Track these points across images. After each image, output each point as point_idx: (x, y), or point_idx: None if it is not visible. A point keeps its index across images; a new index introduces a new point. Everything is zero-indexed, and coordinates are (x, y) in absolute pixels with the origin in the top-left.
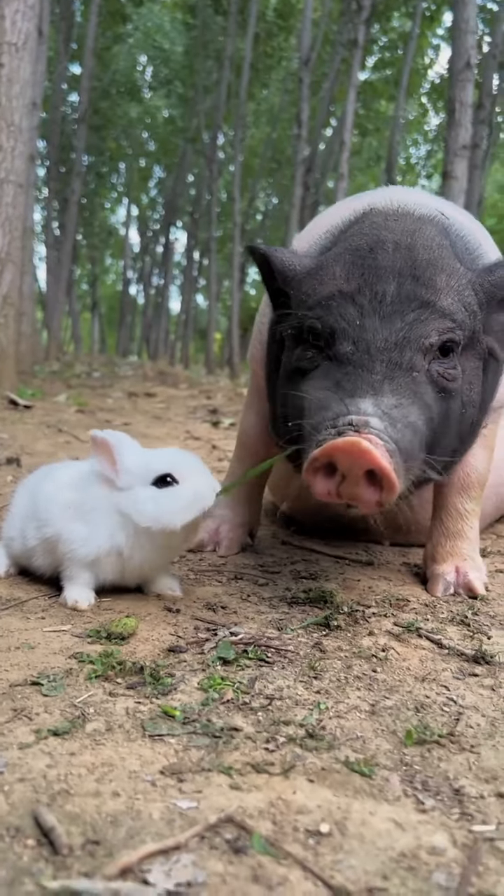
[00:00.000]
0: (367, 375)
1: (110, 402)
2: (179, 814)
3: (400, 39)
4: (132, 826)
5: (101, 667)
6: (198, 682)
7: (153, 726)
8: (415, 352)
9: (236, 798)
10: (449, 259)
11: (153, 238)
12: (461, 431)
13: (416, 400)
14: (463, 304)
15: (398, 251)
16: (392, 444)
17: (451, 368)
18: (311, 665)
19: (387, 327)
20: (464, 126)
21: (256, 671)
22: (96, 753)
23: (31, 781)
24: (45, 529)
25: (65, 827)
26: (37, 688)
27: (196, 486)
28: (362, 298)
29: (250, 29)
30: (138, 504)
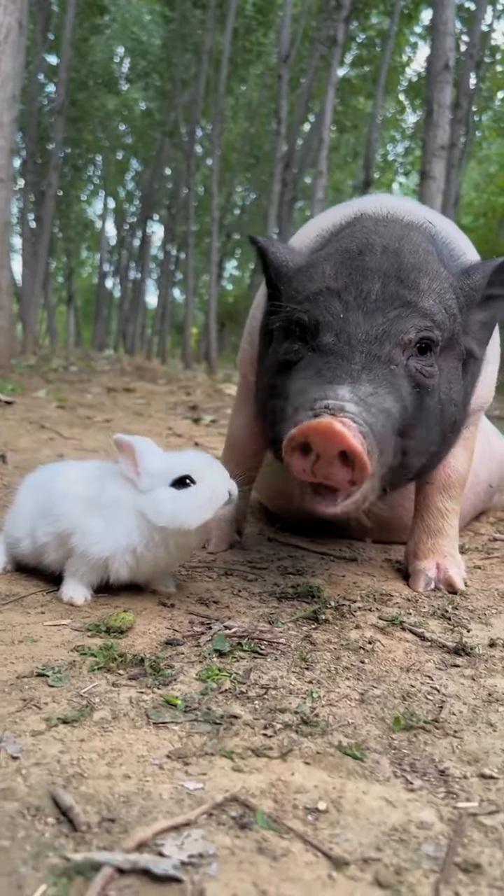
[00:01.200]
0: (347, 365)
1: (90, 397)
2: (187, 794)
3: (378, 37)
4: (144, 805)
5: (102, 659)
6: (196, 673)
7: (157, 714)
8: (393, 346)
9: (239, 779)
10: (433, 263)
11: (130, 231)
12: (442, 428)
13: (392, 390)
14: (444, 307)
15: (385, 254)
16: (365, 427)
17: (429, 366)
18: (303, 657)
19: (368, 322)
20: (442, 127)
21: (251, 662)
22: (105, 740)
23: (46, 765)
24: (60, 524)
25: (81, 806)
26: (43, 679)
27: (212, 486)
28: (348, 295)
29: (229, 23)
30: (157, 505)
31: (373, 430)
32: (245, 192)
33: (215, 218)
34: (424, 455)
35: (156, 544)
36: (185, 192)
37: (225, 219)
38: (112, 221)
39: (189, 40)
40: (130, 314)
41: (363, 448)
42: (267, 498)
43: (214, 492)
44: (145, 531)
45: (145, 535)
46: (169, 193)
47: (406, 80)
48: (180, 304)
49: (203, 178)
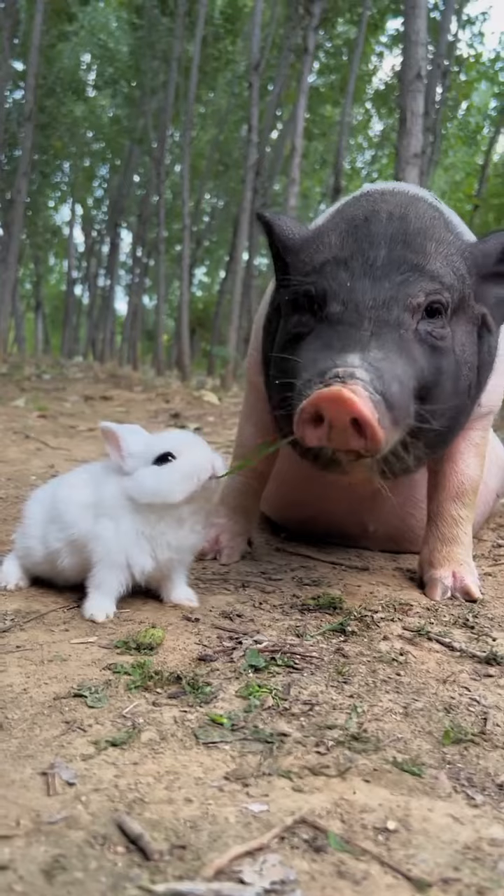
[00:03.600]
0: (355, 332)
1: (68, 405)
2: (253, 817)
3: (345, 45)
4: (212, 830)
5: (139, 677)
6: (235, 689)
7: (205, 734)
8: (402, 310)
9: (302, 800)
10: (440, 229)
11: (98, 238)
12: (458, 390)
13: (403, 354)
14: (451, 269)
15: (391, 220)
16: (377, 394)
17: (440, 328)
18: (339, 670)
19: (376, 287)
20: (415, 135)
21: (288, 678)
22: (158, 762)
23: (104, 791)
24: (71, 531)
25: (149, 833)
26: (81, 700)
27: (193, 460)
28: (354, 263)
29: (198, 31)
30: (140, 482)
31: (385, 396)
32: (214, 199)
33: (187, 224)
34: (446, 419)
35: (161, 532)
36: (156, 199)
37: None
38: (80, 228)
39: (157, 48)
40: (100, 321)
41: (374, 415)
42: (274, 508)
43: (196, 465)
44: (151, 520)
45: (151, 524)
46: (138, 200)
47: (372, 89)
48: (150, 311)
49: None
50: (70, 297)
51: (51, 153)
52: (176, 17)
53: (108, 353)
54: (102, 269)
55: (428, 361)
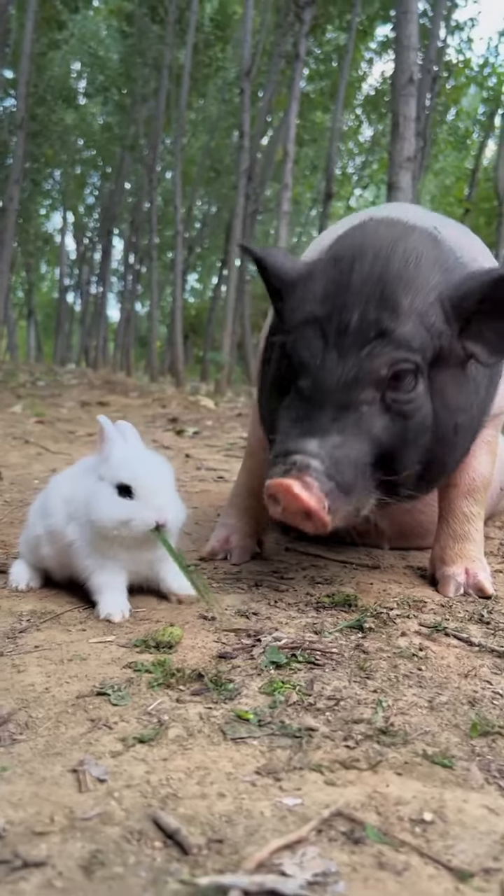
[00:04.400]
0: (318, 414)
1: (65, 411)
2: (288, 810)
3: (334, 52)
4: (248, 824)
5: (160, 675)
6: (258, 686)
7: (232, 730)
8: (365, 386)
9: (335, 793)
10: (425, 271)
11: (90, 245)
12: (439, 437)
13: (362, 435)
14: (426, 326)
15: (373, 268)
16: (329, 483)
17: (407, 392)
18: (360, 666)
19: (342, 364)
20: (408, 139)
21: (310, 674)
22: (188, 758)
23: (136, 787)
24: (49, 520)
25: (185, 828)
26: (104, 698)
27: (144, 506)
28: (329, 327)
29: (189, 38)
30: (93, 496)
31: (338, 483)
32: (205, 205)
33: (179, 231)
34: (430, 465)
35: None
36: (148, 206)
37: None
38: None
39: (148, 55)
40: (92, 328)
41: (320, 507)
42: None
43: (141, 516)
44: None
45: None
46: (130, 207)
47: (362, 95)
48: (142, 318)
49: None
50: (62, 304)
51: (42, 161)
52: (166, 24)
53: (101, 360)
54: (94, 276)
55: (393, 430)
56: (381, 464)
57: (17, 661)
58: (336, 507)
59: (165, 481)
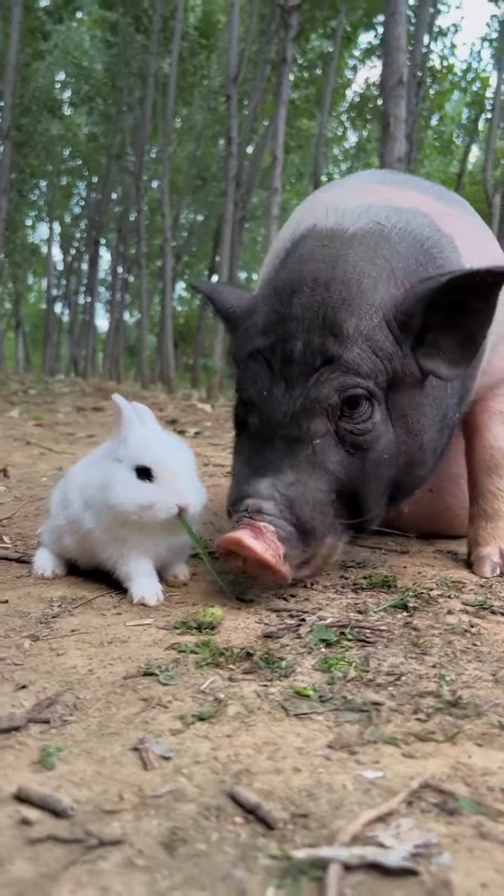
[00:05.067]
0: (269, 452)
1: (61, 416)
2: (370, 783)
3: (318, 59)
4: (331, 798)
5: (208, 655)
6: (311, 664)
7: (293, 706)
8: (315, 417)
9: (417, 766)
10: (367, 290)
11: (77, 255)
12: (413, 462)
13: (316, 471)
14: (373, 350)
15: (315, 292)
16: (287, 527)
17: (362, 422)
18: (413, 642)
19: (289, 396)
20: (399, 140)
21: (362, 651)
22: (252, 734)
23: (205, 764)
24: (69, 510)
25: (264, 803)
26: (152, 678)
27: (166, 490)
28: (273, 359)
29: (175, 47)
30: (111, 482)
31: (297, 527)
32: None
33: (168, 238)
34: (400, 488)
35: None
36: (135, 215)
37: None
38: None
39: (133, 65)
40: (81, 338)
41: (276, 559)
42: None
43: (163, 499)
44: None
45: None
46: (117, 217)
47: (347, 102)
48: (131, 327)
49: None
50: (50, 315)
51: (28, 172)
52: (151, 33)
53: (91, 370)
54: (82, 286)
55: (352, 464)
56: (343, 501)
57: (55, 644)
58: (295, 555)
59: (186, 463)
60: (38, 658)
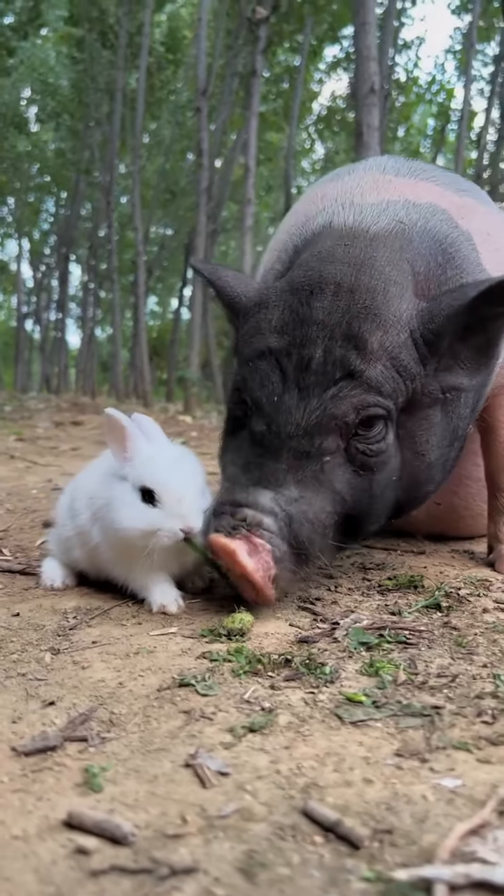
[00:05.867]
0: (274, 463)
1: (40, 430)
2: (451, 792)
3: (285, 73)
4: (413, 811)
5: (244, 662)
6: (356, 668)
7: (348, 713)
8: (329, 434)
9: (496, 772)
10: (395, 301)
11: (47, 272)
12: (416, 483)
13: (322, 490)
14: (397, 369)
15: (338, 296)
16: (283, 547)
17: (376, 442)
18: (457, 642)
19: (302, 406)
20: (372, 148)
21: (405, 653)
22: (311, 744)
23: (268, 779)
24: (77, 520)
25: (343, 819)
26: (189, 689)
27: (169, 514)
28: (288, 363)
29: (142, 62)
30: (113, 503)
31: (292, 547)
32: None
33: (140, 252)
34: (401, 507)
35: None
36: (106, 230)
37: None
38: (28, 263)
39: (100, 80)
40: (52, 355)
41: (265, 581)
42: None
43: (167, 524)
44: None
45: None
46: (87, 232)
47: (314, 115)
48: (103, 343)
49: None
50: (21, 332)
51: None
52: (117, 49)
53: (63, 386)
54: (53, 302)
55: (358, 485)
56: (343, 523)
57: (78, 657)
58: (285, 576)
59: (193, 481)
60: (61, 672)
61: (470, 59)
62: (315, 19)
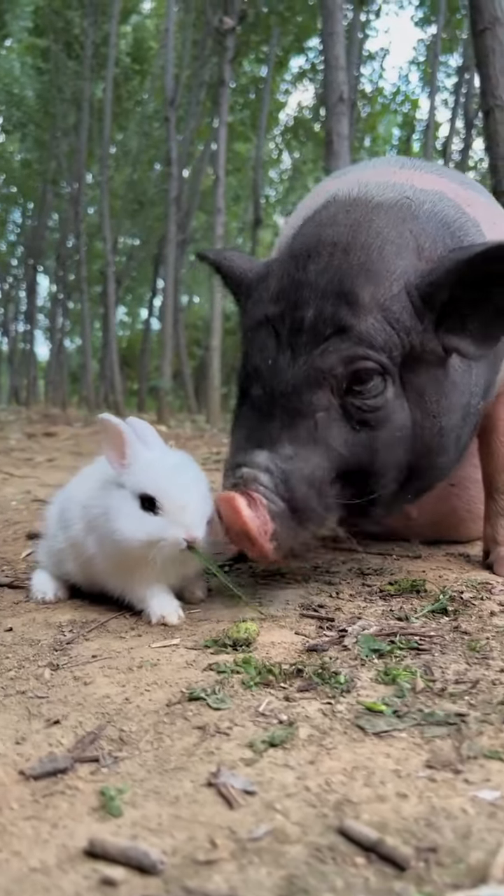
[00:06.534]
0: (268, 423)
1: (13, 442)
2: (492, 805)
3: (251, 83)
4: (455, 826)
5: (254, 674)
6: (370, 676)
7: (370, 724)
8: (318, 389)
9: None
10: (390, 258)
11: (15, 283)
12: (430, 450)
13: (318, 447)
14: (389, 321)
15: (333, 257)
16: (280, 503)
17: (372, 397)
18: (471, 647)
19: (293, 366)
20: (342, 156)
21: (418, 659)
22: (336, 758)
23: (297, 796)
24: (70, 531)
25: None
26: (200, 703)
27: (173, 522)
28: (281, 328)
29: (109, 73)
30: (110, 512)
31: (290, 504)
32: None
33: (110, 262)
34: (414, 478)
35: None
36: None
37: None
38: None
39: (66, 90)
40: (21, 367)
41: (262, 533)
42: None
43: (171, 533)
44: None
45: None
46: (55, 243)
47: (281, 126)
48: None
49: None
50: None
51: None
52: (83, 59)
53: (32, 398)
54: (20, 314)
55: (358, 442)
56: (348, 482)
57: (79, 673)
58: (284, 534)
59: (194, 489)
60: (63, 689)
61: (435, 70)
62: (281, 30)
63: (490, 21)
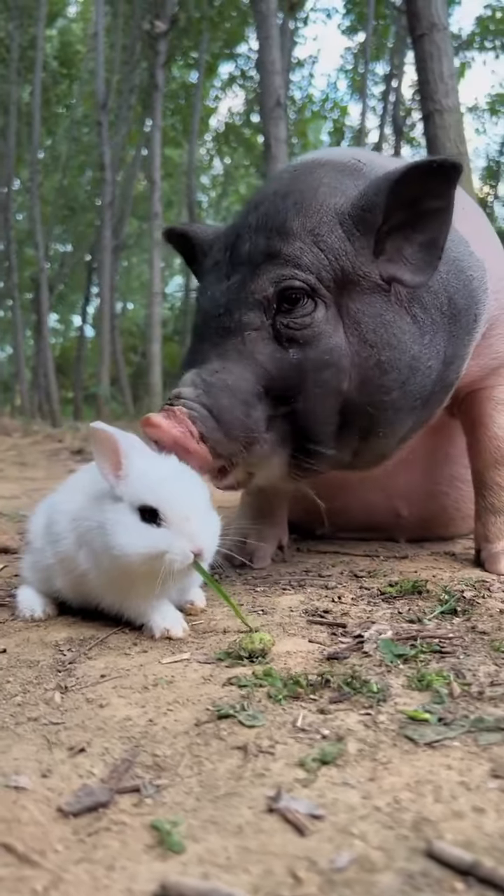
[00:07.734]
0: (200, 345)
1: None
2: None
3: (181, 89)
4: None
5: (280, 686)
6: (401, 683)
7: (418, 734)
8: (248, 309)
9: None
10: (323, 198)
11: None
12: (368, 382)
13: (243, 360)
14: (317, 244)
15: (273, 203)
16: (201, 409)
17: (301, 317)
18: (493, 647)
19: (225, 292)
20: (280, 159)
21: (444, 662)
22: (396, 773)
23: (370, 818)
24: (59, 546)
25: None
26: (230, 720)
27: (179, 535)
28: (225, 267)
29: (37, 77)
30: (108, 526)
31: (213, 413)
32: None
33: (43, 269)
34: (359, 420)
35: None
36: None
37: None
38: None
39: None
40: None
41: (187, 435)
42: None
43: (172, 548)
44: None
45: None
46: None
47: (211, 132)
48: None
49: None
50: None
51: None
52: (9, 63)
53: None
54: None
55: (285, 359)
56: (280, 403)
57: (91, 694)
58: (213, 438)
59: (197, 499)
60: (78, 712)
61: (365, 77)
62: (211, 36)
63: (428, 26)
